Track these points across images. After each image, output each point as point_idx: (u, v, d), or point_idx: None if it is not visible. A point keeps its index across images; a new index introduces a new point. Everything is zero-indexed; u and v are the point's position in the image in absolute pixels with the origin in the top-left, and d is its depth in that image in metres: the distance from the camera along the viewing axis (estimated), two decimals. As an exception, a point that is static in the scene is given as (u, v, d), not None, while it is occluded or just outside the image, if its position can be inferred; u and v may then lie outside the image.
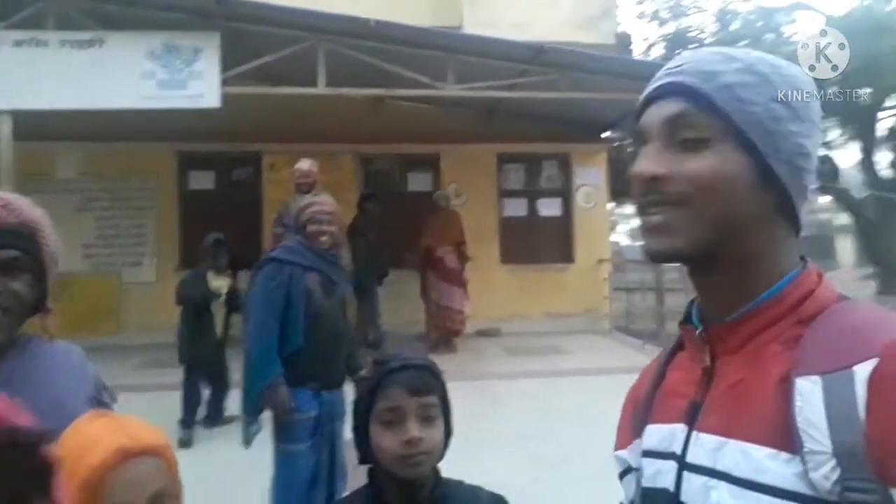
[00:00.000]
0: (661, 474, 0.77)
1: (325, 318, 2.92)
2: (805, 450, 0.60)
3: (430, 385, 1.34)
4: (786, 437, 0.63)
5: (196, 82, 6.22)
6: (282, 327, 2.85)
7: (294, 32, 6.28)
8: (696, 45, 15.03)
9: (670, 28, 16.61)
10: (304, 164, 5.22)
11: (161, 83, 6.20)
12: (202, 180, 9.19)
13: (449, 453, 1.33)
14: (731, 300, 0.74)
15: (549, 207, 9.49)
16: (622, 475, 0.88)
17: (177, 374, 5.15)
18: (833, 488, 0.58)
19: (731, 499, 0.66)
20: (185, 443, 4.79)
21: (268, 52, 6.34)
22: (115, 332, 8.55)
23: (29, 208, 1.21)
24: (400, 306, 8.13)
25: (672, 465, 0.75)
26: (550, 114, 8.24)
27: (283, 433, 2.81)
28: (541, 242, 9.39)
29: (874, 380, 0.59)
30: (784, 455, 0.63)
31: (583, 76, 6.33)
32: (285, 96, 6.73)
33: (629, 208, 19.88)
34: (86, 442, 0.94)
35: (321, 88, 6.34)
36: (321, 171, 8.69)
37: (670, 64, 0.77)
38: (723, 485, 0.67)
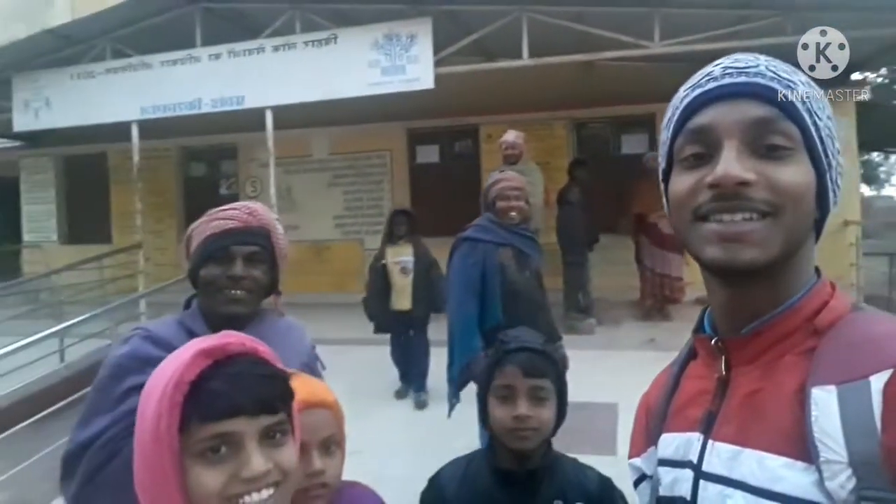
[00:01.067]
0: (678, 483, 0.78)
1: (521, 291, 2.99)
2: (821, 459, 0.61)
3: (543, 369, 1.45)
4: (801, 447, 0.63)
5: (413, 66, 6.78)
6: (481, 303, 2.97)
7: (498, 7, 6.47)
8: None
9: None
10: (510, 136, 5.35)
11: (384, 70, 6.88)
12: (428, 154, 9.94)
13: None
14: (754, 311, 0.74)
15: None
16: (636, 483, 0.91)
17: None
18: (849, 498, 0.59)
19: None
20: (400, 395, 5.29)
21: (476, 29, 6.65)
22: (360, 291, 9.76)
23: (267, 214, 1.57)
24: (613, 272, 8.03)
25: (689, 474, 0.76)
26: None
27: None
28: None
29: (890, 390, 0.60)
30: (800, 464, 0.64)
31: (815, 14, 5.54)
32: (497, 69, 6.97)
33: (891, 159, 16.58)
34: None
35: (525, 60, 6.48)
36: (534, 139, 8.95)
37: (730, 63, 0.74)
38: (738, 493, 0.68)
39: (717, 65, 0.74)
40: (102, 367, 1.49)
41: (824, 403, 0.63)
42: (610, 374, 4.96)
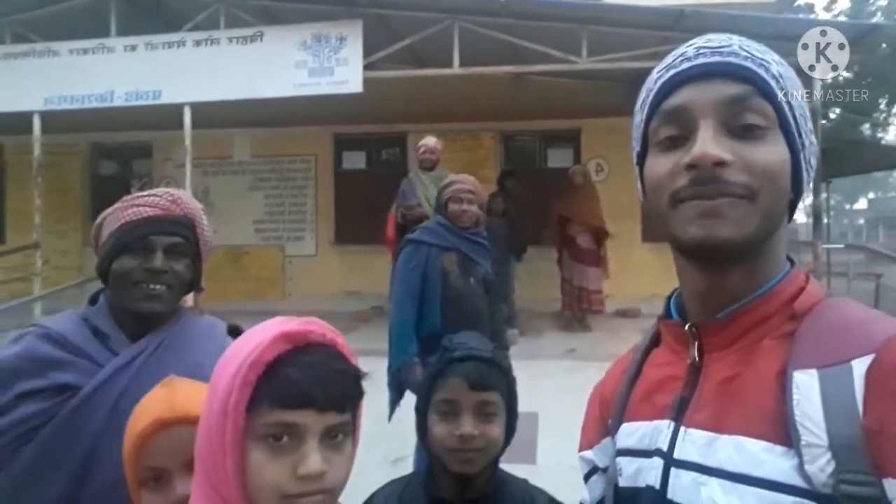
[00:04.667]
0: (643, 472, 0.76)
1: (463, 298, 2.93)
2: (802, 443, 0.61)
3: (492, 380, 1.28)
4: (781, 431, 0.63)
5: (341, 69, 6.66)
6: (420, 307, 2.91)
7: (430, 14, 6.46)
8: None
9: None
10: (430, 141, 5.28)
11: (311, 71, 6.72)
12: (354, 160, 9.80)
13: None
14: (732, 295, 0.73)
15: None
16: (587, 476, 0.89)
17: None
18: (828, 481, 0.59)
19: (722, 494, 0.66)
20: None
21: (408, 35, 6.62)
22: (280, 299, 9.48)
23: (191, 203, 1.43)
24: (538, 283, 8.14)
25: (658, 462, 0.74)
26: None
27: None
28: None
29: (872, 374, 0.60)
30: (779, 448, 0.63)
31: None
32: (427, 77, 6.94)
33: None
34: (138, 410, 1.06)
35: (455, 68, 6.49)
36: (462, 149, 9.00)
37: (703, 43, 0.73)
38: (714, 480, 0.67)
39: (690, 45, 0.73)
40: None
41: (806, 387, 0.62)
42: (531, 384, 4.96)
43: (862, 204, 54.61)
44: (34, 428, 1.20)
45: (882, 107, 17.78)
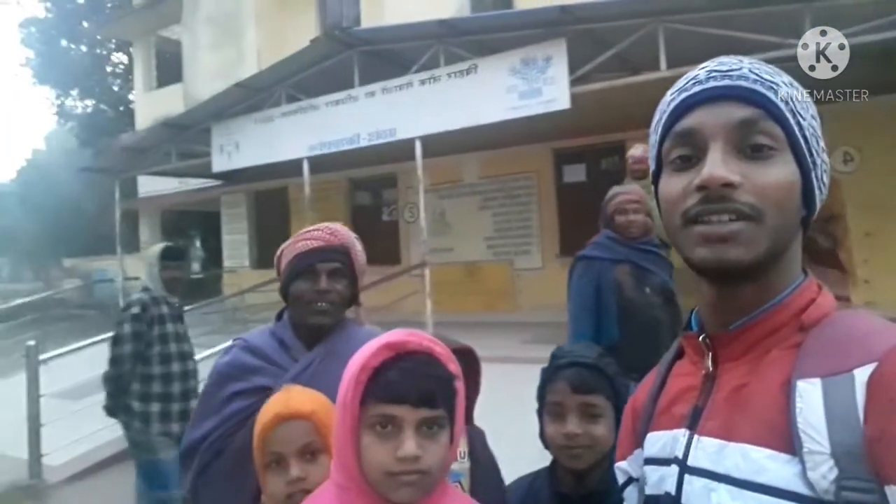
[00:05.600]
0: (664, 480, 0.78)
1: (639, 309, 2.88)
2: (804, 450, 0.62)
3: (595, 384, 1.39)
4: (785, 439, 0.65)
5: (549, 87, 6.88)
6: (598, 321, 2.90)
7: (633, 21, 6.38)
8: None
9: None
10: (637, 150, 5.14)
11: (521, 94, 7.06)
12: (575, 173, 9.90)
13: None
14: (743, 308, 0.75)
15: None
16: (623, 486, 0.92)
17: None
18: (830, 488, 0.60)
19: (730, 500, 0.68)
20: None
21: (614, 44, 6.61)
22: (511, 310, 9.92)
23: (346, 233, 1.69)
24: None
25: (674, 470, 0.76)
26: None
27: None
28: None
29: (873, 382, 0.62)
30: (783, 456, 0.65)
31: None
32: (637, 83, 6.82)
33: None
34: (264, 409, 1.29)
35: (663, 71, 6.30)
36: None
37: (714, 66, 0.75)
38: (723, 487, 0.69)
39: (702, 68, 0.76)
40: (209, 374, 1.67)
41: (809, 396, 0.64)
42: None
43: None
44: (243, 420, 1.51)
45: None
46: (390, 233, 11.52)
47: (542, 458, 1.52)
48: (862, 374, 0.62)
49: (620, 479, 0.92)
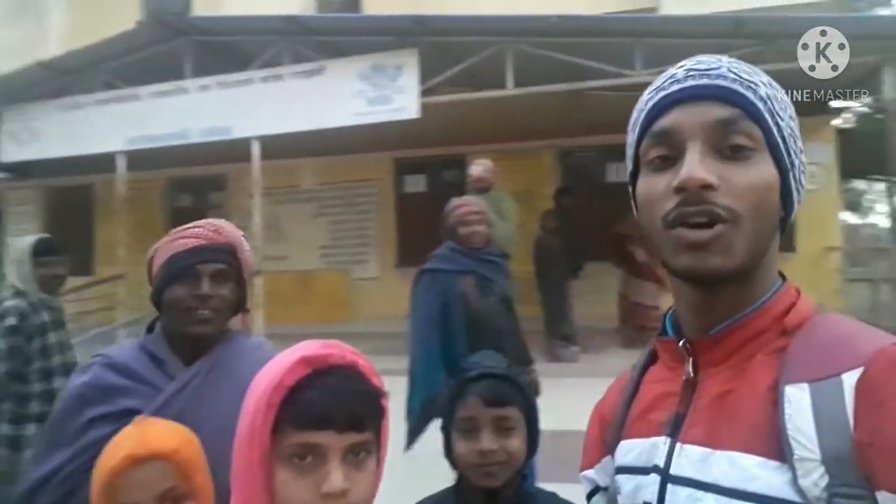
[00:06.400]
0: (641, 489, 0.76)
1: (485, 318, 2.90)
2: (795, 457, 0.61)
3: (508, 396, 1.33)
4: (775, 445, 0.63)
5: (399, 96, 6.86)
6: (445, 336, 2.88)
7: (484, 38, 6.59)
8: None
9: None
10: (476, 170, 5.04)
11: (370, 100, 6.96)
12: (416, 183, 10.00)
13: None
14: (724, 312, 0.73)
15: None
16: (590, 495, 0.89)
17: (396, 361, 5.62)
18: (821, 495, 0.59)
19: None
20: None
21: (464, 59, 6.77)
22: (346, 320, 9.70)
23: (233, 231, 1.51)
24: (597, 300, 8.03)
25: (654, 479, 0.74)
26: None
27: None
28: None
29: (861, 386, 0.61)
30: (773, 463, 0.63)
31: (793, 43, 5.68)
32: (483, 99, 7.04)
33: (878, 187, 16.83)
34: (109, 448, 1.08)
35: (510, 89, 6.58)
36: (520, 168, 9.02)
37: (692, 65, 0.74)
38: (709, 496, 0.67)
39: (680, 67, 0.74)
40: (61, 398, 1.42)
41: (797, 401, 0.63)
42: (593, 401, 4.92)
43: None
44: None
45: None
46: (217, 239, 10.69)
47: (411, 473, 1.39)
48: (850, 378, 0.61)
49: (587, 489, 0.89)
